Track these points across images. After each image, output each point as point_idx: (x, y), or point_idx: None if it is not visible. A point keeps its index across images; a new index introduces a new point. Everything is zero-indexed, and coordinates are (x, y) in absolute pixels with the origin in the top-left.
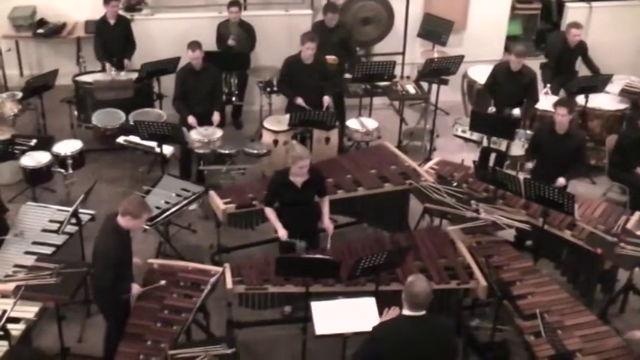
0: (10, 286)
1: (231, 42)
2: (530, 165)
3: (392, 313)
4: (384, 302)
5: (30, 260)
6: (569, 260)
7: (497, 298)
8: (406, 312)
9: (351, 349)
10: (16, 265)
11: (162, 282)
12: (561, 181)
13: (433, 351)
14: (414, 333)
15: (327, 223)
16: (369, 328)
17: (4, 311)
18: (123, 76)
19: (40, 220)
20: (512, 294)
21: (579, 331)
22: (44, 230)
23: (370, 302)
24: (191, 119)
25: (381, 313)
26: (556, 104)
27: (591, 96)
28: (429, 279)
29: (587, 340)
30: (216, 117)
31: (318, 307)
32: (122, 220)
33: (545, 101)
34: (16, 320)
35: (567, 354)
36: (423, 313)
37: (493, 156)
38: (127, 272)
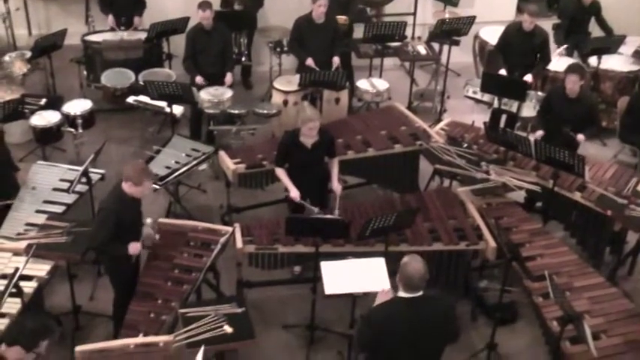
0: (22, 244)
1: (237, 7)
2: (539, 134)
3: (385, 294)
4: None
5: (41, 219)
6: (579, 222)
7: (506, 259)
8: (402, 294)
9: (360, 308)
10: (27, 224)
11: (156, 236)
12: (581, 137)
13: (430, 332)
14: (410, 315)
15: (335, 184)
16: (379, 288)
17: (17, 269)
18: (132, 35)
19: (50, 179)
20: (522, 255)
21: (588, 293)
22: (55, 189)
23: (380, 262)
24: (199, 79)
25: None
26: (567, 71)
27: (604, 57)
28: (438, 240)
29: (596, 302)
30: (228, 77)
31: (327, 267)
32: (125, 186)
33: (558, 62)
34: (28, 278)
35: (575, 315)
36: (419, 294)
37: (504, 117)
38: (128, 236)
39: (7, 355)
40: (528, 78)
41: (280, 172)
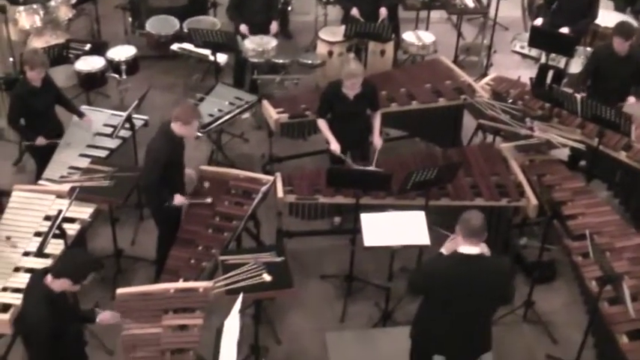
0: (65, 187)
1: None
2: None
3: (454, 242)
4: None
5: (84, 162)
6: (623, 182)
7: (548, 217)
8: (462, 249)
9: (398, 261)
10: (70, 167)
11: (209, 199)
12: (631, 99)
13: (484, 291)
14: (465, 272)
15: (376, 138)
16: (418, 242)
17: (60, 211)
18: None
19: (95, 124)
20: (563, 214)
21: (628, 254)
22: (98, 134)
23: (420, 216)
24: (243, 27)
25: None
26: (613, 32)
27: None
28: (479, 195)
29: (636, 263)
30: (273, 26)
31: (367, 219)
32: (174, 126)
33: (609, 17)
34: (71, 220)
35: (615, 276)
36: (478, 251)
37: (551, 73)
38: (175, 178)
39: (102, 318)
40: (565, 30)
41: (322, 124)
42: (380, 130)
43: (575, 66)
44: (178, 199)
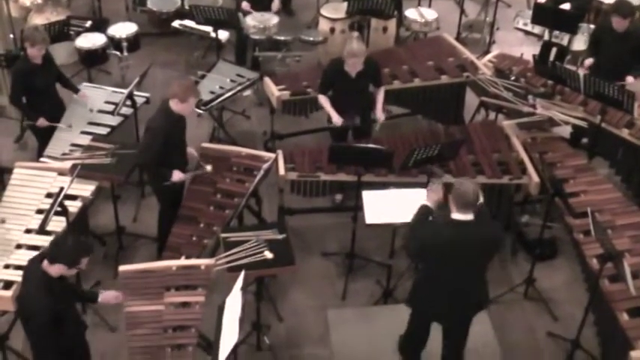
0: (67, 165)
1: None
2: (588, 62)
3: (434, 192)
4: None
5: (86, 140)
6: (625, 159)
7: (549, 194)
8: (455, 215)
9: (399, 239)
10: (72, 144)
11: (208, 167)
12: (629, 79)
13: (479, 254)
14: (461, 237)
15: (379, 113)
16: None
17: (62, 188)
18: None
19: (95, 101)
20: (565, 191)
21: (630, 232)
22: (100, 111)
23: (422, 194)
24: (244, 4)
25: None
26: (612, 11)
27: None
28: (481, 173)
29: (637, 241)
30: (275, 3)
31: (369, 197)
32: (171, 104)
33: None
34: (73, 197)
35: (616, 254)
36: (471, 217)
37: (554, 50)
38: (175, 156)
39: (104, 298)
40: (566, 5)
41: (323, 99)
42: (383, 106)
43: (579, 43)
44: (177, 176)
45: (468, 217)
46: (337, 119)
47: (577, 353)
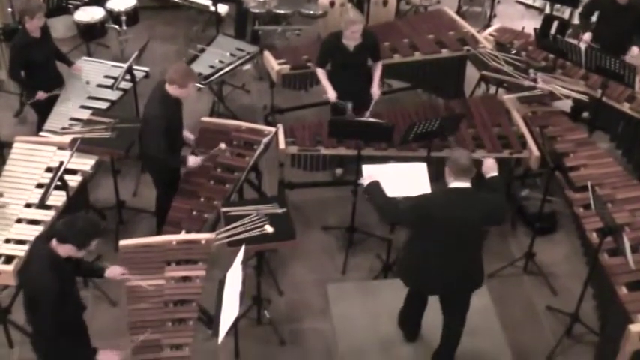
0: (67, 139)
1: None
2: (587, 37)
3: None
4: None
5: (85, 114)
6: (625, 133)
7: (549, 169)
8: (452, 184)
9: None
10: (72, 119)
11: (222, 145)
12: (635, 50)
13: (477, 220)
14: (459, 203)
15: (375, 88)
16: (420, 193)
17: (62, 162)
18: None
19: (95, 75)
20: (565, 165)
21: (630, 206)
22: (99, 85)
23: (422, 168)
24: None
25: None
26: None
27: None
28: (481, 147)
29: (637, 215)
30: None
31: (369, 171)
32: (170, 89)
33: None
34: (73, 172)
35: (615, 227)
36: (468, 185)
37: (555, 24)
38: (176, 140)
39: (110, 273)
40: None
41: (320, 73)
42: (381, 81)
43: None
44: (193, 161)
45: (466, 184)
46: (332, 95)
47: (576, 327)
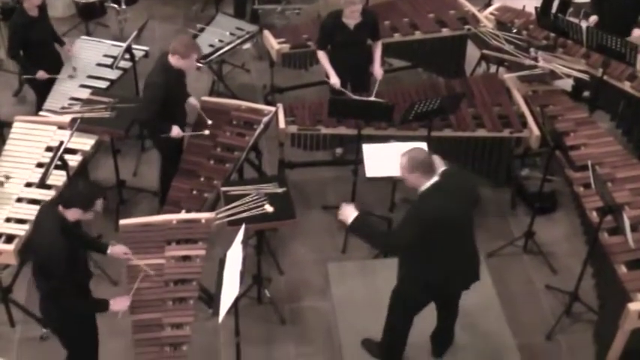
0: (67, 118)
1: None
2: (593, 19)
3: (346, 208)
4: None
5: (85, 93)
6: (626, 112)
7: (550, 148)
8: (425, 185)
9: (400, 192)
10: (71, 98)
11: (206, 132)
12: (637, 32)
13: (466, 203)
14: (445, 195)
15: (377, 68)
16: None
17: (62, 142)
18: None
19: (94, 55)
20: (565, 144)
21: (630, 185)
22: (98, 64)
23: (422, 147)
24: None
25: None
26: None
27: None
28: (481, 126)
29: (637, 194)
30: None
31: (369, 150)
32: (172, 59)
33: None
34: (73, 152)
35: (615, 206)
36: (436, 178)
37: (556, 2)
38: (175, 110)
39: (113, 251)
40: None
41: (322, 56)
42: (382, 60)
43: None
44: (176, 131)
45: (435, 178)
46: (335, 80)
47: (575, 305)
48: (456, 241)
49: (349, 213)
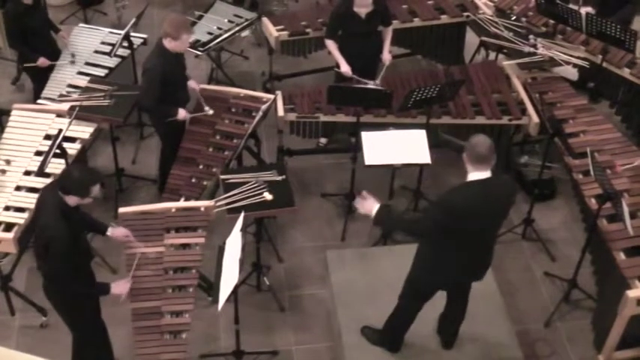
0: (65, 106)
1: None
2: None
3: (367, 200)
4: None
5: (83, 81)
6: (625, 99)
7: (549, 135)
8: (473, 176)
9: (399, 180)
10: (69, 86)
11: (210, 111)
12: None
13: (500, 211)
14: (483, 196)
15: (385, 54)
16: (419, 160)
17: (60, 130)
18: None
19: (92, 42)
20: (564, 131)
21: (629, 172)
22: (96, 52)
23: (421, 134)
24: None
25: None
26: None
27: None
28: (480, 114)
29: (636, 181)
30: None
31: (368, 137)
32: (165, 42)
33: None
34: (71, 139)
35: (614, 194)
36: (488, 174)
37: None
38: (176, 94)
39: (113, 232)
40: None
41: (331, 45)
42: (389, 46)
43: None
44: (182, 114)
45: (486, 174)
46: (347, 69)
47: (574, 292)
48: (477, 238)
49: (371, 205)
